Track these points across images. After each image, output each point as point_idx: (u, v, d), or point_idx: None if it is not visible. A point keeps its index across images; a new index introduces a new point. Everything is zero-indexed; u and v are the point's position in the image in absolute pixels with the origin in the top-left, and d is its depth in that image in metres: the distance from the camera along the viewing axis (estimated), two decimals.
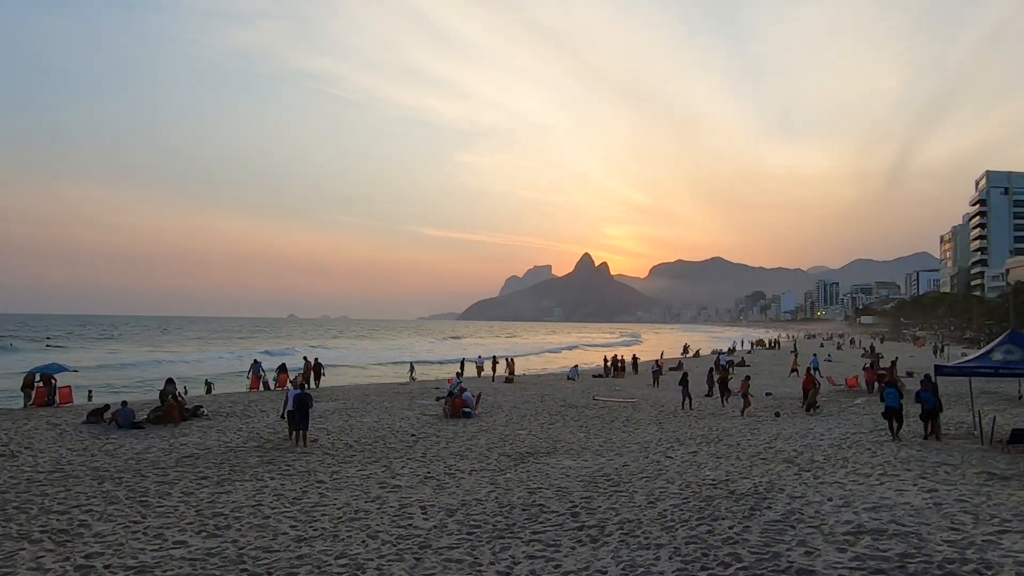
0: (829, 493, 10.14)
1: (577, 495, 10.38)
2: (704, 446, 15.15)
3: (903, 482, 10.86)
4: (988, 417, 15.74)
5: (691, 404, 23.23)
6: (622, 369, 41.53)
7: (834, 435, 16.27)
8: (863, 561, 6.99)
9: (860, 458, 13.17)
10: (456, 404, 20.64)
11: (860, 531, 8.05)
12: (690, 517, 8.91)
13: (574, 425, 19.09)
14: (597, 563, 7.17)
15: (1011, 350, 14.61)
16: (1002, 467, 11.88)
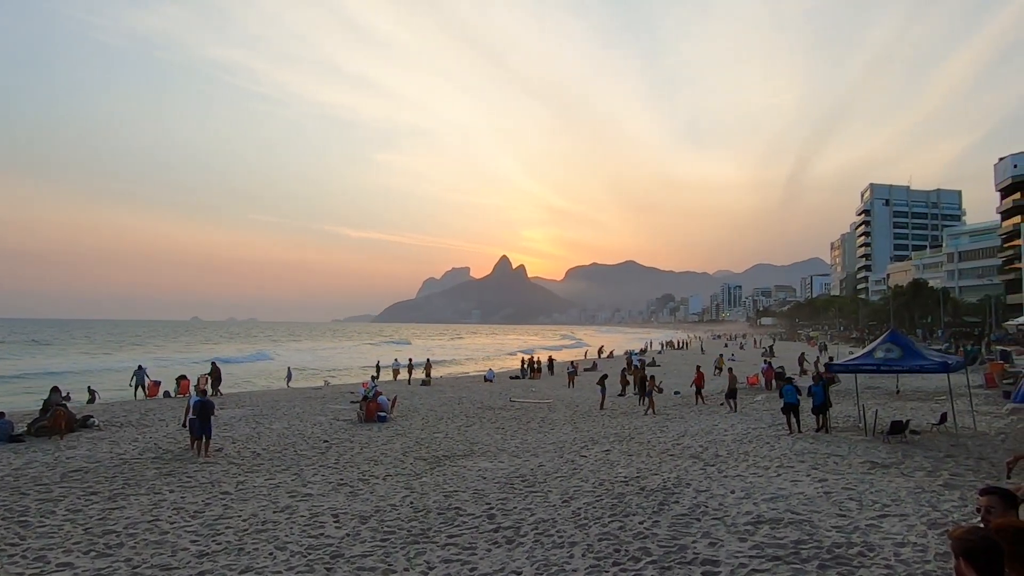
0: (732, 486, 10.66)
1: (493, 497, 10.40)
2: (617, 444, 15.56)
3: (798, 473, 11.58)
4: (871, 411, 17.08)
5: (603, 404, 23.84)
6: (538, 370, 42.04)
7: (736, 431, 17.14)
8: (762, 549, 7.39)
9: (760, 452, 13.94)
10: (371, 408, 20.21)
11: (759, 521, 8.51)
12: (603, 514, 9.12)
13: (491, 427, 19.13)
14: (512, 564, 7.20)
15: (890, 348, 15.88)
16: (883, 456, 12.90)
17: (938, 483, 10.43)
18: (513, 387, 33.66)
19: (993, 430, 15.70)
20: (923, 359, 15.85)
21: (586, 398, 26.57)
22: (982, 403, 19.85)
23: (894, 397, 23.55)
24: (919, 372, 17.17)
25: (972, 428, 15.79)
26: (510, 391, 30.51)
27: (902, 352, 15.84)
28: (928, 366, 15.70)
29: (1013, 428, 15.69)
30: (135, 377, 28.26)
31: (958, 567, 2.81)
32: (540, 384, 36.20)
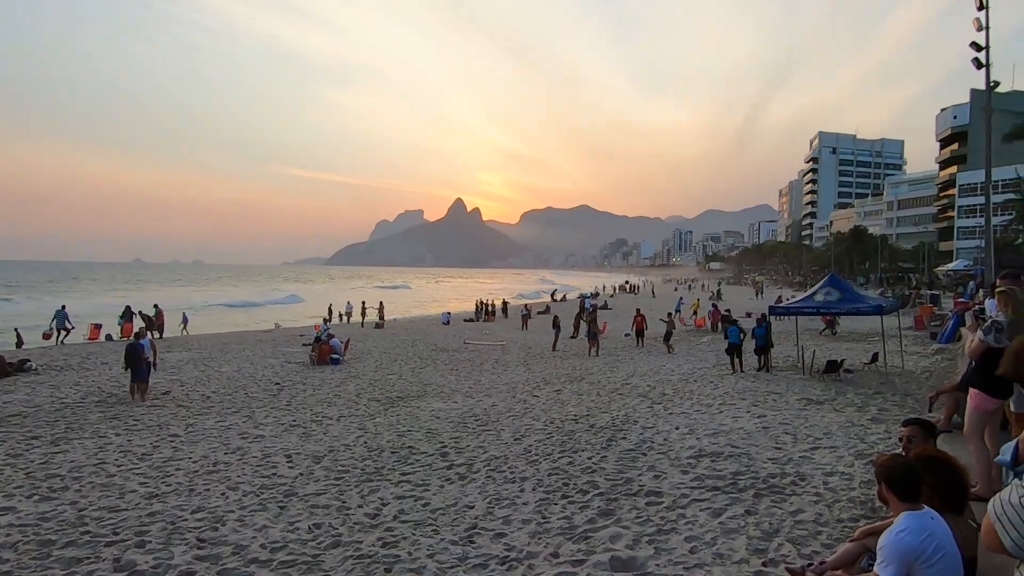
0: (676, 423, 11.11)
1: (447, 436, 10.58)
2: (568, 384, 15.95)
3: (739, 410, 12.13)
4: (809, 351, 17.91)
5: (555, 346, 24.30)
6: (492, 313, 42.37)
7: (683, 371, 17.76)
8: (702, 480, 7.78)
9: (704, 390, 14.52)
10: (323, 351, 20.09)
11: (701, 455, 8.93)
12: (553, 451, 9.40)
13: (445, 369, 19.30)
14: (465, 499, 7.39)
15: (830, 292, 16.57)
16: (817, 393, 13.61)
17: (867, 418, 11.09)
18: (468, 330, 33.91)
19: (919, 368, 16.69)
20: (859, 302, 16.60)
21: (539, 340, 27.02)
22: (911, 344, 21.02)
23: (831, 339, 24.70)
24: (855, 314, 17.99)
25: (900, 367, 16.74)
26: (464, 334, 30.74)
27: (841, 295, 16.54)
28: (864, 308, 16.46)
29: (937, 366, 16.71)
30: (55, 320, 26.53)
31: (880, 491, 3.02)
32: (494, 327, 36.58)
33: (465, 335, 29.91)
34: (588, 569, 5.43)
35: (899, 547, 2.72)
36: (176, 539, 6.29)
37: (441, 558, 5.77)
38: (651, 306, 40.28)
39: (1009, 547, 1.33)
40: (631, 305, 37.27)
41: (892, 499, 2.92)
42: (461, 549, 5.94)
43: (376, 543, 6.14)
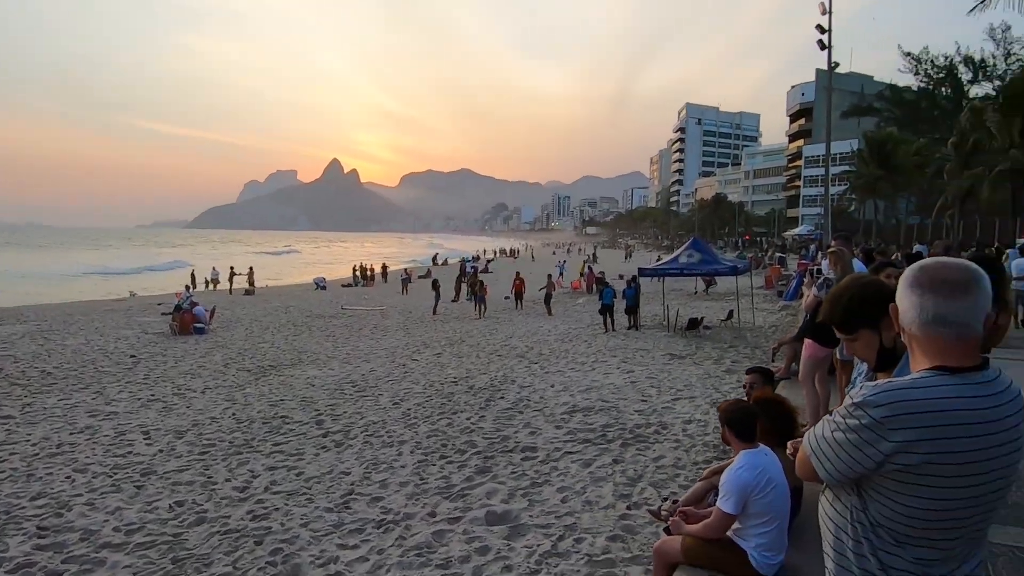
0: (552, 381, 11.53)
1: (322, 403, 10.30)
2: (448, 348, 16.02)
3: (609, 367, 12.79)
4: (674, 310, 19.16)
5: (435, 310, 24.27)
6: (372, 278, 41.45)
7: (560, 331, 18.40)
8: (575, 434, 8.16)
9: (579, 349, 15.14)
10: (186, 320, 18.74)
11: (574, 410, 9.35)
12: (432, 413, 9.45)
13: (321, 335, 18.70)
14: (341, 465, 7.27)
15: (692, 254, 17.75)
16: (680, 349, 14.63)
17: (722, 369, 12.10)
18: (345, 295, 32.97)
19: (767, 324, 18.38)
20: (718, 263, 17.92)
21: (419, 305, 26.82)
22: (761, 301, 23.03)
23: (693, 298, 26.55)
24: (714, 275, 19.41)
25: (752, 322, 18.34)
26: (342, 299, 29.87)
27: (702, 257, 17.76)
28: (721, 269, 17.79)
29: (782, 321, 18.47)
30: None
31: (723, 433, 3.31)
32: (373, 292, 35.83)
33: (343, 301, 29.08)
34: (464, 525, 5.55)
35: (737, 482, 3.01)
36: (11, 529, 5.70)
37: (316, 526, 5.66)
38: (531, 270, 41.15)
39: (824, 477, 1.49)
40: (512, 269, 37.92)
41: (732, 439, 3.21)
42: (336, 516, 5.86)
43: (245, 516, 5.91)
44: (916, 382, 1.40)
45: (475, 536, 5.34)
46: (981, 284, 1.41)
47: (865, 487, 1.44)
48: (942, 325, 1.40)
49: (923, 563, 1.41)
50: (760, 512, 3.02)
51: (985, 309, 1.41)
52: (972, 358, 1.42)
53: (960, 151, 29.38)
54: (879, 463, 1.38)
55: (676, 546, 3.28)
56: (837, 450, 1.44)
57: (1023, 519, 4.09)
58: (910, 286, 1.45)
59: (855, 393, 1.45)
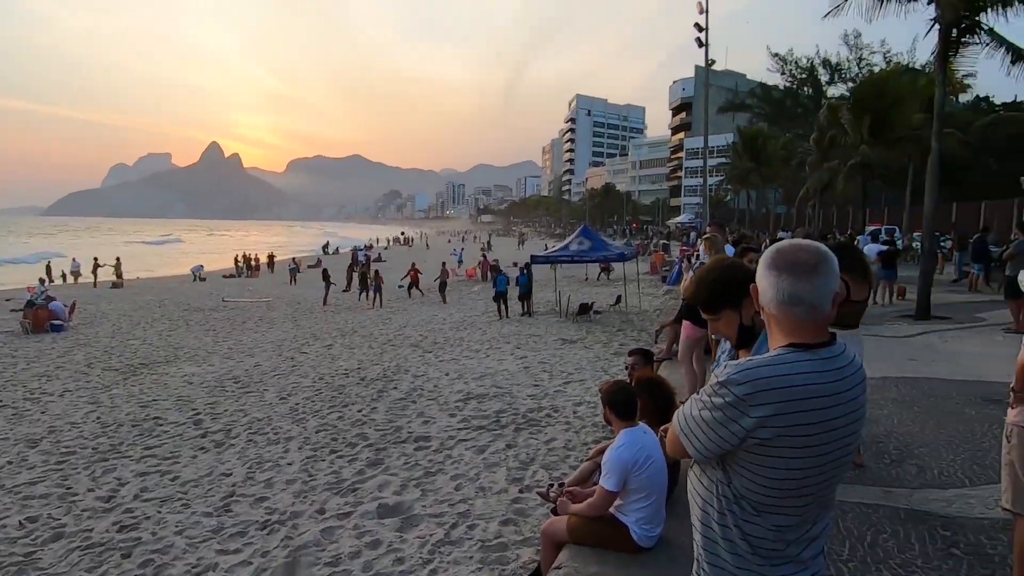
0: (447, 369, 11.49)
1: (201, 402, 9.67)
2: (339, 339, 15.54)
3: (503, 353, 12.92)
4: (565, 296, 19.64)
5: (326, 300, 23.49)
6: (257, 268, 39.43)
7: (454, 319, 18.36)
8: (469, 422, 8.17)
9: (473, 337, 15.18)
10: (40, 316, 16.95)
11: (468, 398, 9.36)
12: (322, 407, 9.13)
13: (200, 330, 17.55)
14: (221, 467, 6.86)
15: (583, 242, 18.26)
16: (572, 334, 15.03)
17: (610, 352, 12.55)
18: (227, 286, 31.14)
19: (652, 308, 19.26)
20: (606, 250, 18.55)
21: (309, 295, 25.83)
22: (647, 286, 24.10)
23: (584, 284, 27.35)
24: (603, 261, 20.07)
25: (639, 307, 19.16)
26: (223, 291, 28.19)
27: (592, 244, 18.31)
28: (610, 256, 18.44)
29: (665, 305, 19.42)
30: None
31: (605, 413, 3.41)
32: (259, 283, 34.10)
33: (224, 292, 27.44)
34: (355, 520, 5.41)
35: (618, 460, 3.12)
36: None
37: (192, 533, 5.31)
38: (425, 258, 40.78)
39: (692, 454, 1.55)
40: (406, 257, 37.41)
41: (613, 419, 3.32)
42: (216, 520, 5.53)
43: (111, 528, 5.44)
44: (773, 359, 1.47)
45: (366, 530, 5.21)
46: (830, 265, 1.50)
47: (729, 461, 1.51)
48: (796, 304, 1.48)
49: (780, 529, 1.50)
50: (640, 488, 3.15)
51: (834, 289, 1.50)
52: (822, 334, 1.51)
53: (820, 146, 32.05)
54: (742, 438, 1.45)
55: (563, 526, 3.35)
56: (704, 428, 1.49)
57: (867, 479, 4.55)
58: (767, 268, 1.53)
59: (719, 372, 1.52)
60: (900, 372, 7.63)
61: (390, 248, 74.57)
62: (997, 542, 3.54)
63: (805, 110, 48.80)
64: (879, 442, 5.27)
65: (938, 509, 4.02)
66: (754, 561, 1.50)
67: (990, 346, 9.20)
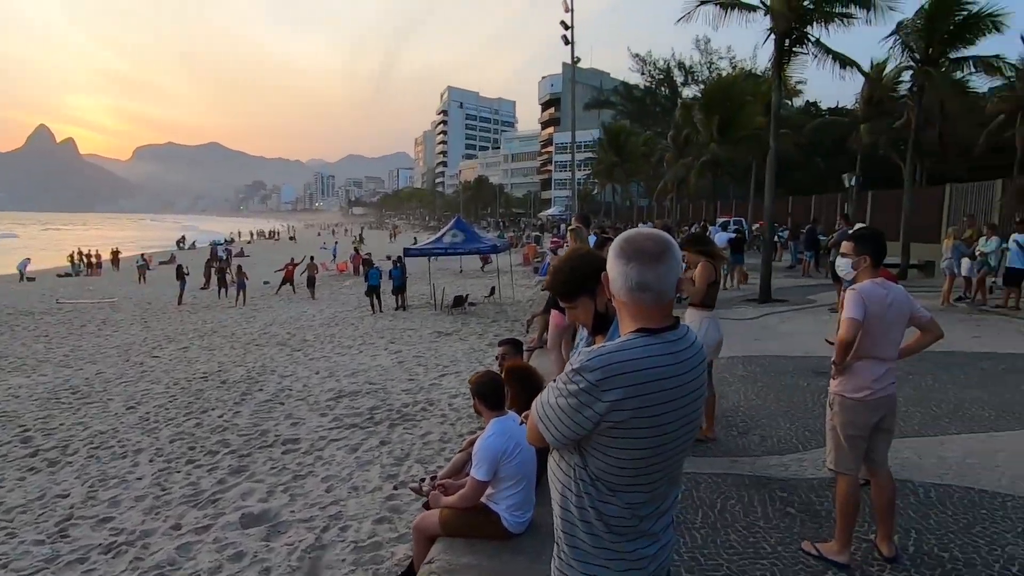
0: (317, 367, 11.05)
1: (30, 417, 8.60)
2: (197, 340, 14.47)
3: (377, 348, 12.65)
4: (440, 289, 19.58)
5: (181, 299, 21.76)
6: (98, 266, 35.71)
7: (325, 316, 17.70)
8: (341, 420, 7.92)
9: (345, 333, 14.72)
10: None
11: (340, 395, 9.07)
12: (177, 415, 8.45)
13: (28, 336, 15.61)
14: (56, 488, 6.15)
15: (456, 234, 18.26)
16: (447, 326, 15.02)
17: (485, 343, 12.68)
18: (63, 286, 27.95)
19: (525, 298, 19.69)
20: (480, 242, 18.69)
21: (161, 295, 23.81)
22: (520, 277, 24.61)
23: (458, 276, 27.41)
24: (477, 253, 20.21)
25: (512, 298, 19.52)
26: (58, 292, 25.27)
27: (465, 237, 18.36)
28: (483, 248, 18.59)
29: (537, 295, 19.94)
30: None
31: (475, 404, 3.43)
32: (101, 282, 30.92)
33: (59, 293, 24.60)
34: (215, 533, 5.06)
35: (488, 450, 3.15)
36: None
37: (20, 564, 4.72)
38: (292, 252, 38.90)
39: (551, 441, 1.57)
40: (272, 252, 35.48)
41: (483, 409, 3.35)
42: (49, 547, 4.95)
43: None
44: (623, 344, 1.54)
45: (228, 543, 4.89)
46: (673, 254, 1.58)
47: (585, 445, 1.56)
48: (643, 291, 1.55)
49: (633, 506, 1.57)
50: (510, 475, 3.20)
51: (677, 275, 1.59)
52: (667, 319, 1.60)
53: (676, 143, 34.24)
54: (596, 423, 1.49)
55: (435, 519, 3.33)
56: (561, 415, 1.53)
57: (718, 451, 4.94)
58: (616, 257, 1.59)
59: (574, 359, 1.55)
60: (746, 352, 8.35)
61: (254, 242, 70.45)
62: (824, 499, 3.98)
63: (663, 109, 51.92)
64: (728, 416, 5.74)
65: (777, 473, 4.45)
66: (609, 539, 1.56)
67: (819, 325, 10.31)
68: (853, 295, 3.14)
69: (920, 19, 15.42)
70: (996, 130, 24.19)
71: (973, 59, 15.92)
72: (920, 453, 4.70)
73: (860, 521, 3.38)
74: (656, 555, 1.61)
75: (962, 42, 15.54)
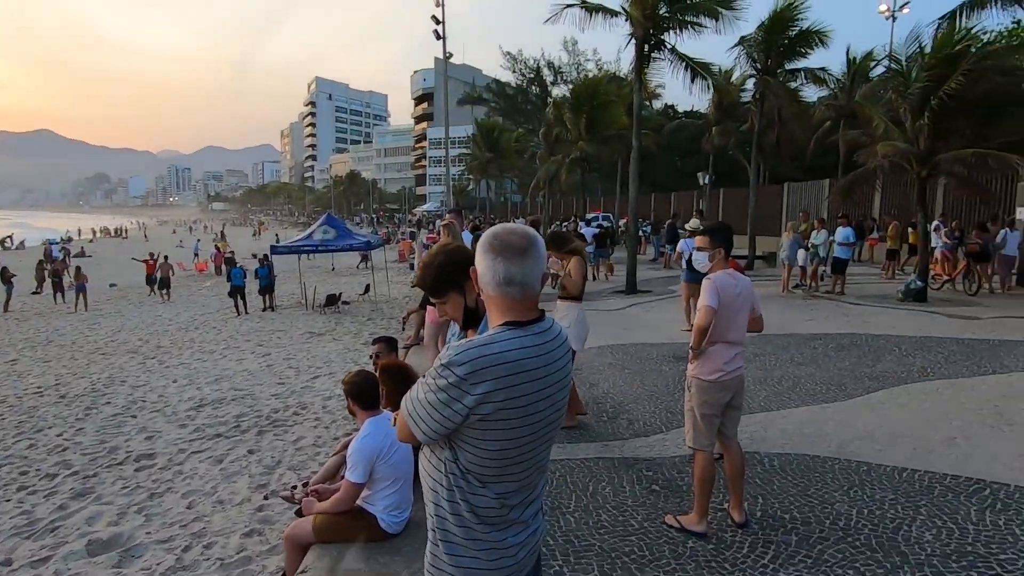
0: (174, 375, 10.25)
1: None
2: (29, 351, 12.91)
3: (243, 352, 11.94)
4: (311, 288, 18.82)
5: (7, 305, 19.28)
6: None
7: (183, 319, 16.43)
8: (203, 431, 7.40)
9: (207, 337, 13.76)
10: None
11: (202, 404, 8.47)
12: (4, 436, 7.49)
13: None
14: None
15: (327, 230, 17.59)
16: (320, 326, 14.48)
17: (360, 342, 12.37)
18: None
19: (402, 295, 19.42)
20: (352, 239, 18.15)
21: None
22: (395, 274, 24.23)
23: (331, 274, 26.50)
24: (350, 250, 19.63)
25: (388, 295, 19.16)
26: None
27: (337, 233, 17.74)
28: (356, 244, 18.09)
29: (412, 291, 19.75)
30: None
31: (349, 405, 3.34)
32: None
33: None
34: (55, 565, 4.56)
35: (363, 451, 3.07)
36: None
37: None
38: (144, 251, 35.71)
39: (420, 438, 1.56)
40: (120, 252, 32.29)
41: (357, 410, 3.27)
42: None
43: None
44: (492, 338, 1.56)
45: (72, 574, 4.42)
46: (538, 248, 1.63)
47: (455, 439, 1.57)
48: (510, 285, 1.58)
49: (503, 497, 1.60)
50: (386, 475, 3.15)
51: (542, 269, 1.63)
52: (534, 311, 1.64)
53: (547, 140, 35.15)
54: (465, 416, 1.51)
55: (308, 527, 3.21)
56: (430, 411, 1.53)
57: (589, 437, 5.16)
58: (484, 252, 1.61)
59: (443, 354, 1.56)
60: (615, 340, 8.78)
61: (96, 240, 63.82)
62: (685, 474, 4.28)
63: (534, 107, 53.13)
64: (599, 403, 6.01)
65: (643, 454, 4.73)
66: (481, 529, 1.58)
67: (679, 313, 11.05)
68: (709, 285, 3.40)
69: (760, 33, 16.93)
70: (823, 135, 27.17)
71: (804, 70, 17.79)
72: (765, 426, 5.18)
73: (716, 492, 3.67)
74: (526, 542, 1.65)
75: (795, 54, 17.29)
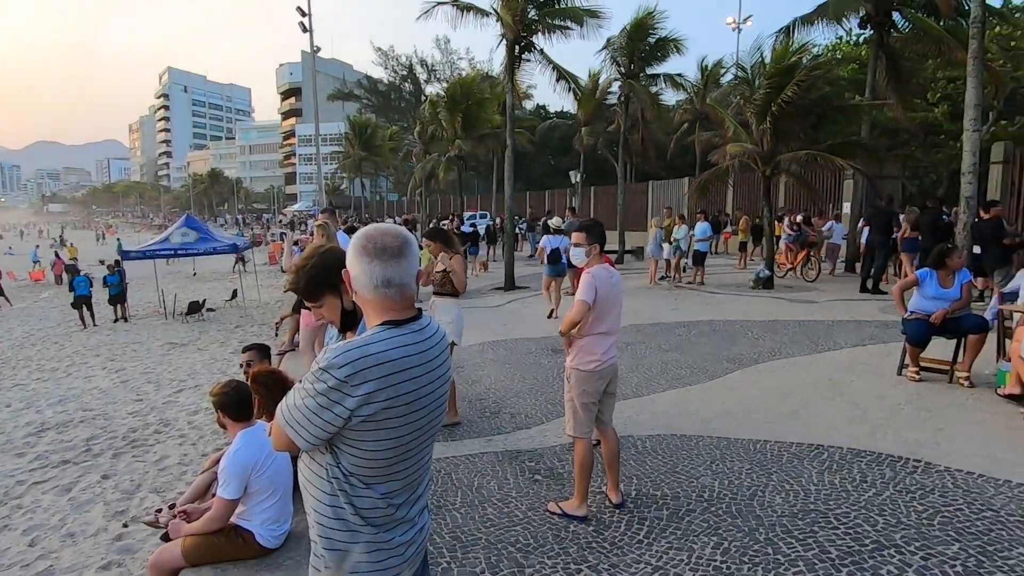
0: (7, 399, 9.13)
1: None
2: None
3: (93, 368, 10.86)
4: (171, 295, 17.44)
5: None
6: None
7: (16, 335, 14.67)
8: (46, 458, 6.66)
9: (47, 354, 12.38)
10: None
11: (43, 429, 7.62)
12: None
13: None
14: None
15: (187, 233, 16.38)
16: (181, 336, 13.46)
17: (228, 351, 11.64)
18: None
19: (273, 300, 18.49)
20: (216, 242, 17.03)
21: None
22: (266, 278, 23.03)
23: (193, 280, 24.70)
24: (213, 254, 18.39)
25: (258, 300, 18.17)
26: None
27: (198, 236, 16.57)
28: (220, 247, 16.98)
29: (285, 295, 18.89)
30: None
31: (218, 418, 3.16)
32: None
33: None
34: None
35: (235, 465, 2.92)
36: None
37: None
38: None
39: (301, 445, 1.52)
40: None
41: (228, 422, 3.09)
42: None
43: None
44: (370, 338, 1.54)
45: None
46: (412, 248, 1.63)
47: (336, 443, 1.54)
48: (388, 286, 1.58)
49: (389, 496, 1.59)
50: (263, 488, 3.00)
51: (416, 268, 1.64)
52: (411, 310, 1.64)
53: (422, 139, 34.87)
54: (346, 419, 1.48)
55: (176, 551, 2.99)
56: (310, 416, 1.49)
57: (472, 433, 5.21)
58: (359, 255, 1.59)
59: (321, 358, 1.52)
60: (496, 336, 8.91)
61: None
62: (565, 462, 4.44)
63: (408, 104, 52.51)
64: (481, 399, 6.08)
65: (526, 446, 4.85)
66: (368, 532, 1.57)
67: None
68: (588, 279, 3.55)
69: (623, 38, 17.84)
70: (682, 136, 29.13)
71: (663, 75, 19.01)
72: (638, 411, 5.50)
73: (594, 477, 3.85)
74: (413, 539, 1.66)
75: (655, 60, 18.40)
